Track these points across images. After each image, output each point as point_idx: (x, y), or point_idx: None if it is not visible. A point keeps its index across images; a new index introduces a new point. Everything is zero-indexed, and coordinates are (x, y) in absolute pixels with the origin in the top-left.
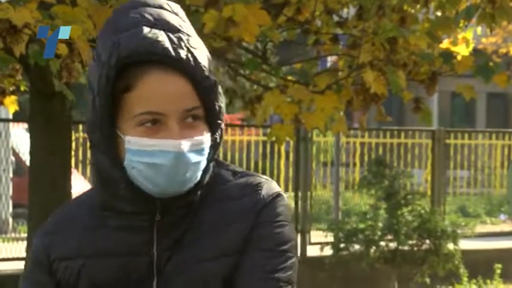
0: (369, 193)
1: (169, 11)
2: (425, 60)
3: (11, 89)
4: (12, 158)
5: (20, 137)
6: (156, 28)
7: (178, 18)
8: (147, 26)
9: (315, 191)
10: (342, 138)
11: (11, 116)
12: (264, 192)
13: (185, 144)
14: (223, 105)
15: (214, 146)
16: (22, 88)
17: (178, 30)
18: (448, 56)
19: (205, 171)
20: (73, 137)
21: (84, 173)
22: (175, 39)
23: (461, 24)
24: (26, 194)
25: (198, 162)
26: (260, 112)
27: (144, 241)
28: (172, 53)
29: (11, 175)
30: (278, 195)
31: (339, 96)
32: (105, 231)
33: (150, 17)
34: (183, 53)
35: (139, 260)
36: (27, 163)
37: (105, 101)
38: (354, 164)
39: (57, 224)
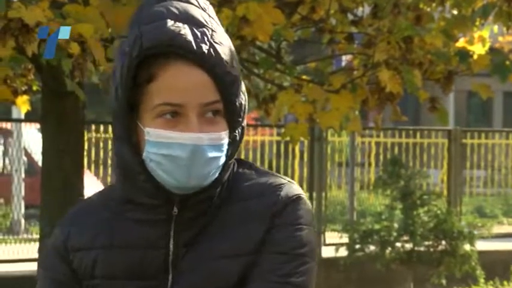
0: (385, 193)
1: (196, 6)
2: (441, 59)
3: (23, 88)
4: (24, 158)
5: (32, 137)
6: (180, 22)
7: (205, 13)
8: (171, 19)
9: (329, 192)
10: (357, 138)
11: (23, 116)
12: (283, 193)
13: (203, 138)
14: (244, 102)
15: (234, 144)
16: (34, 88)
17: (203, 25)
18: (464, 54)
19: (224, 168)
20: (85, 137)
21: (96, 174)
22: (198, 34)
23: (477, 23)
24: (38, 195)
25: (216, 158)
26: (274, 111)
27: (161, 235)
28: (194, 46)
29: (23, 175)
30: (298, 197)
31: (354, 96)
32: (123, 223)
33: (175, 11)
34: (205, 47)
35: (155, 254)
36: (40, 163)
37: (126, 91)
38: (369, 164)
39: (77, 215)
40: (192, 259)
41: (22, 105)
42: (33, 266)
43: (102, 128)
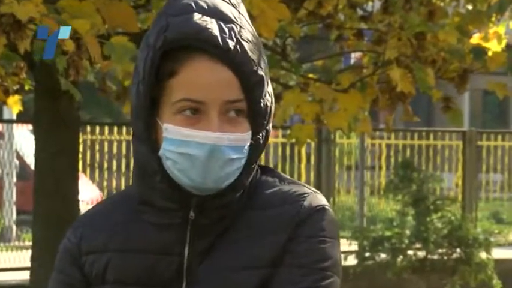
0: (396, 198)
1: (227, 2)
2: (455, 56)
3: (14, 88)
4: (16, 161)
5: (24, 139)
6: (208, 16)
7: (235, 10)
8: (199, 13)
9: (338, 197)
10: (367, 140)
11: (14, 117)
12: (307, 203)
13: (223, 138)
14: (270, 105)
15: (256, 147)
16: (26, 87)
17: (232, 21)
18: (479, 52)
19: (245, 172)
20: (80, 139)
21: (92, 178)
22: (226, 29)
23: (493, 18)
24: (30, 200)
25: (236, 160)
26: (279, 112)
27: (177, 240)
28: (220, 42)
29: (14, 179)
30: (323, 208)
31: (364, 95)
32: (137, 226)
33: (204, 5)
34: (231, 43)
35: (169, 260)
36: (32, 166)
37: (148, 85)
38: (380, 168)
39: (91, 217)
40: (207, 268)
41: (14, 106)
42: (25, 275)
43: (98, 129)
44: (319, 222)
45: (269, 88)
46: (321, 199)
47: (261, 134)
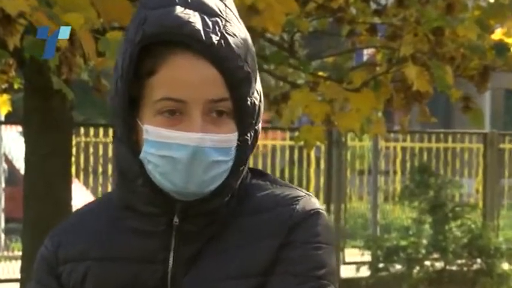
0: (412, 205)
1: None
2: (475, 53)
3: (3, 86)
4: (4, 166)
5: (13, 142)
6: (191, 9)
7: (221, 3)
8: (181, 6)
9: (349, 203)
10: (381, 143)
11: (3, 118)
12: (300, 207)
13: (206, 139)
14: (259, 103)
15: (244, 148)
16: (16, 86)
17: (217, 15)
18: (501, 48)
19: (233, 175)
20: (73, 142)
21: (86, 183)
22: (209, 23)
23: None
24: (19, 206)
25: (220, 163)
26: (287, 113)
27: (160, 248)
28: (203, 36)
29: (3, 185)
30: (317, 212)
31: (377, 95)
32: (119, 233)
33: None
34: (214, 38)
35: (152, 268)
36: (22, 171)
37: (126, 83)
38: (394, 172)
39: (70, 224)
40: (193, 278)
41: (2, 106)
42: (14, 287)
43: (92, 131)
44: (314, 227)
45: (257, 85)
46: (314, 202)
47: (249, 135)
